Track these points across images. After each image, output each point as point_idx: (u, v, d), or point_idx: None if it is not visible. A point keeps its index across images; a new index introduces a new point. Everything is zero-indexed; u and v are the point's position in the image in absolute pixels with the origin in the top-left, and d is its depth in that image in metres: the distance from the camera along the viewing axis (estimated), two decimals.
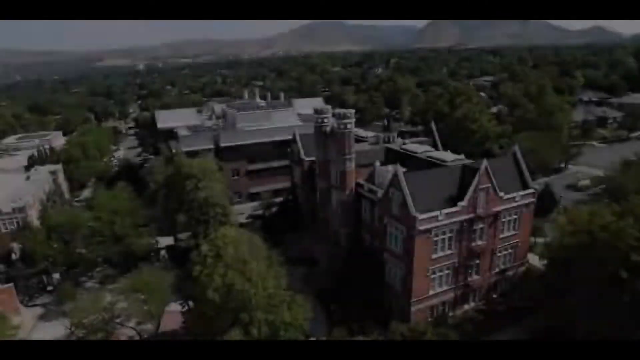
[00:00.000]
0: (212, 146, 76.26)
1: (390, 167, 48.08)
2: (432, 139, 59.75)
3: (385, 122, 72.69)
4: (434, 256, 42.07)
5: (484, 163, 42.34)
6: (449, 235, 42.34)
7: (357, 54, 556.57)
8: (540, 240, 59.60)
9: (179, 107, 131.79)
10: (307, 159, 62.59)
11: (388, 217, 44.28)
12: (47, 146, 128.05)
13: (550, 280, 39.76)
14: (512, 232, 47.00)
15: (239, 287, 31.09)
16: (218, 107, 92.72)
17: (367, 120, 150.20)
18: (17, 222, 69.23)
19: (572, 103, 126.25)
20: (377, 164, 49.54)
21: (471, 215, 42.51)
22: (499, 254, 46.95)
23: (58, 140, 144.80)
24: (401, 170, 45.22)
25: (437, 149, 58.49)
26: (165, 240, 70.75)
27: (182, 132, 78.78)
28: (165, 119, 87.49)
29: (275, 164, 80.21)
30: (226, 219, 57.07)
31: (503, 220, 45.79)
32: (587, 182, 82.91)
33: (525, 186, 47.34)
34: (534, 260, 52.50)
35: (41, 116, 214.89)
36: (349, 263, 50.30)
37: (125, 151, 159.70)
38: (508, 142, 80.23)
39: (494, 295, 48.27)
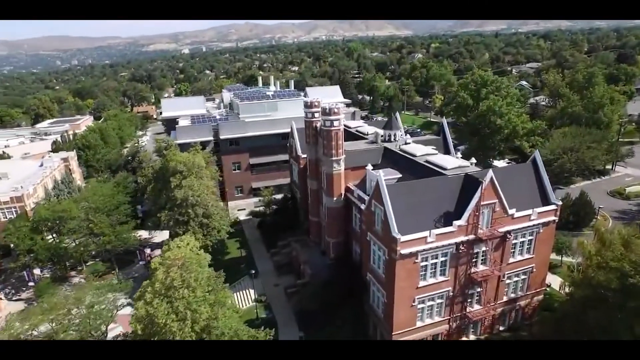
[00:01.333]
0: (211, 138, 71.99)
1: (381, 172, 41.24)
2: (443, 137, 51.79)
3: (390, 116, 64.43)
4: (422, 284, 35.26)
5: (489, 174, 34.65)
6: (442, 259, 35.28)
7: (399, 38, 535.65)
8: (568, 260, 50.91)
9: (209, 92, 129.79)
10: (304, 155, 56.62)
11: (371, 232, 37.82)
12: (70, 131, 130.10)
13: (567, 326, 31.88)
14: (526, 256, 39.04)
15: (160, 321, 26.22)
16: (227, 96, 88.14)
17: (395, 109, 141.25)
18: (16, 212, 68.71)
19: (629, 94, 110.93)
20: (369, 167, 42.77)
21: (471, 237, 35.14)
22: (507, 281, 39.24)
23: (87, 124, 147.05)
24: (384, 179, 38.50)
25: (447, 150, 50.64)
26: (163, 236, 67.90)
27: (182, 123, 75.01)
28: (170, 108, 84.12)
29: (280, 157, 74.81)
30: (209, 220, 52.67)
31: (514, 242, 37.96)
32: (637, 188, 71.35)
33: (545, 200, 39.03)
34: (557, 283, 44.43)
35: (81, 100, 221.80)
36: (334, 278, 44.46)
37: (151, 137, 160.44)
38: (541, 140, 70.14)
39: (501, 328, 40.76)
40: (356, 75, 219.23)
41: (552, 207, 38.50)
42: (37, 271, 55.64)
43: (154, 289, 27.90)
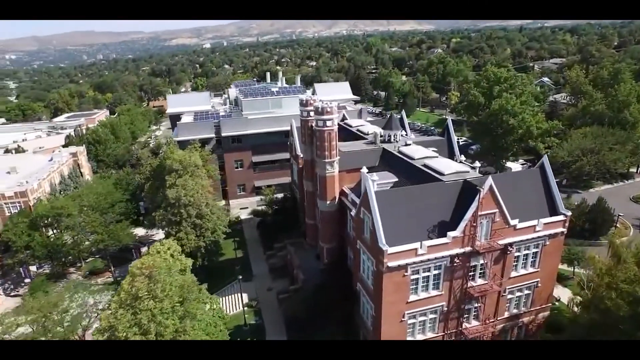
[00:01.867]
0: (212, 135, 70.61)
1: (375, 176, 38.78)
2: (448, 138, 48.77)
3: (390, 115, 61.44)
4: (413, 298, 32.75)
5: (489, 181, 31.75)
6: (435, 272, 32.67)
7: (421, 33, 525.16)
8: (581, 272, 47.35)
9: (225, 87, 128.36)
10: (302, 155, 54.49)
11: (360, 240, 35.50)
12: (84, 126, 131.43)
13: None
14: (530, 270, 35.97)
15: (120, 334, 24.66)
16: (233, 92, 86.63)
17: (409, 106, 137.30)
18: (20, 206, 69.05)
19: None
20: (364, 169, 40.29)
21: (467, 249, 32.39)
22: (509, 296, 36.29)
23: (101, 119, 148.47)
24: (378, 183, 36.12)
25: (451, 152, 47.64)
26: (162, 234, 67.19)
27: (185, 119, 73.88)
28: (175, 103, 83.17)
29: (284, 156, 72.85)
30: (202, 221, 51.20)
31: (516, 254, 34.96)
32: None
33: (554, 210, 35.82)
34: (568, 296, 41.26)
35: (102, 94, 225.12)
36: (326, 285, 42.36)
37: (165, 132, 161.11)
38: (557, 142, 65.95)
39: None
40: (373, 71, 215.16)
41: (561, 217, 35.23)
42: (33, 268, 55.47)
43: (120, 298, 26.41)
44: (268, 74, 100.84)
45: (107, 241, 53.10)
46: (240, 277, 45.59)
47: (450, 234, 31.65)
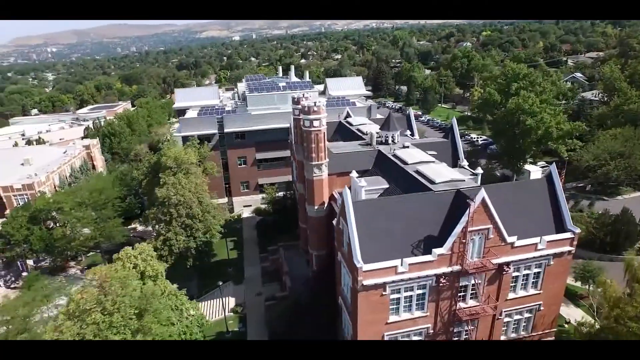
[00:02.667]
0: (215, 131, 69.03)
1: (363, 181, 35.84)
2: (452, 140, 44.97)
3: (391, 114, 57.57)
4: (394, 319, 29.78)
5: (481, 194, 28.21)
6: (419, 292, 29.55)
7: (451, 26, 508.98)
8: (597, 291, 42.72)
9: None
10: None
11: (340, 252, 32.74)
12: (103, 118, 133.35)
13: None
14: (531, 292, 32.24)
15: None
16: (242, 86, 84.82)
17: (430, 102, 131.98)
18: (27, 199, 69.88)
19: None
20: (354, 174, 37.40)
21: (455, 268, 29.08)
22: (506, 319, 32.69)
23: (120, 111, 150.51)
24: (366, 189, 33.24)
25: (455, 155, 43.87)
26: None
27: (189, 114, 72.66)
28: (183, 98, 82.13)
29: (288, 153, 70.52)
30: (193, 221, 49.64)
31: (515, 274, 31.31)
32: None
33: (561, 226, 31.88)
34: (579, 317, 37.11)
35: (129, 86, 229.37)
36: (312, 295, 40.00)
37: None
38: (579, 144, 60.48)
39: None
40: (398, 65, 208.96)
41: (568, 234, 31.25)
42: (30, 262, 55.70)
43: (68, 309, 24.87)
44: (292, 67, 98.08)
45: (98, 238, 52.45)
46: (221, 283, 43.75)
47: (436, 251, 28.42)
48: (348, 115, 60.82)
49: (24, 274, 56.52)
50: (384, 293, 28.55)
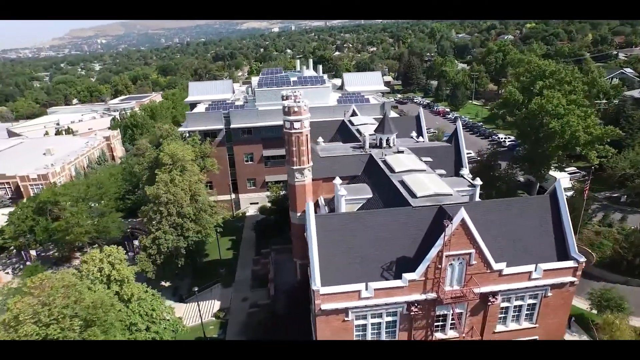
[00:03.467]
0: (222, 127, 67.51)
1: (343, 190, 32.79)
2: (456, 145, 40.78)
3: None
4: None
5: (461, 213, 24.47)
6: (389, 319, 26.35)
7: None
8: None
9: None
10: None
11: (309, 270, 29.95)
12: (130, 109, 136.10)
13: None
14: (524, 326, 28.17)
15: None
16: (256, 81, 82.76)
17: (460, 98, 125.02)
18: (42, 189, 71.59)
19: None
20: (337, 180, 34.41)
21: (430, 296, 25.62)
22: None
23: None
24: (347, 199, 30.45)
25: (459, 162, 39.75)
26: None
27: (197, 109, 71.55)
28: (196, 91, 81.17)
29: None
30: (183, 220, 48.29)
31: (504, 305, 27.37)
32: None
33: (563, 252, 27.55)
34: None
35: (164, 77, 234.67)
36: (292, 307, 37.62)
37: None
38: (612, 150, 53.99)
39: None
40: (431, 59, 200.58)
41: (571, 263, 26.89)
42: (33, 252, 56.66)
43: (4, 320, 23.73)
44: (298, 62, 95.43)
45: (93, 233, 52.38)
46: (197, 288, 42.13)
47: (407, 276, 25.08)
48: (354, 114, 57.48)
49: (28, 263, 57.63)
50: (346, 319, 25.61)
